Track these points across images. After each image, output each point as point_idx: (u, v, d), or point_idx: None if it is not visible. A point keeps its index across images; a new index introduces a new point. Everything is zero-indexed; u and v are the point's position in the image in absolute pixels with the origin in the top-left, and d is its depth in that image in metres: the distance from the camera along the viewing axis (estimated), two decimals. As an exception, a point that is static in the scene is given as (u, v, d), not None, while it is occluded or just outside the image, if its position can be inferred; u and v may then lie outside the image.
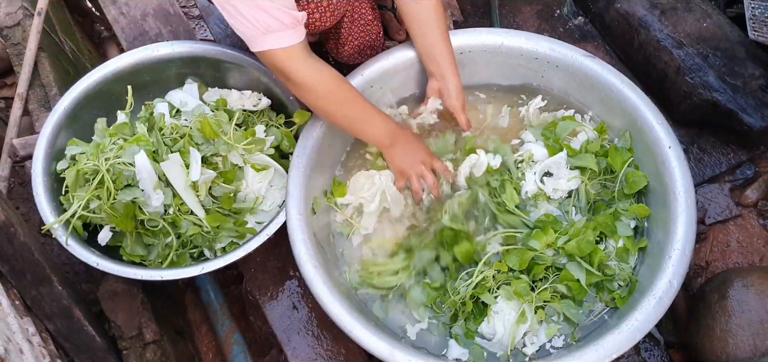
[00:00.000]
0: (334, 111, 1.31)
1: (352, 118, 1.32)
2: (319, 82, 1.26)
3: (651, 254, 1.27)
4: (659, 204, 1.29)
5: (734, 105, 1.53)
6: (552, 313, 1.24)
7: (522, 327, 1.21)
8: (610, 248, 1.28)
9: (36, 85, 1.78)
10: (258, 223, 1.44)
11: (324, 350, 1.40)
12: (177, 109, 1.51)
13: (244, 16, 1.15)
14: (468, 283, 1.25)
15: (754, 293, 1.22)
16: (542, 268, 1.25)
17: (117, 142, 1.40)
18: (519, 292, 1.22)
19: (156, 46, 1.59)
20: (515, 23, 1.90)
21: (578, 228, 1.26)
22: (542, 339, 1.23)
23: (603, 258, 1.24)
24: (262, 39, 1.18)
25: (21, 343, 1.13)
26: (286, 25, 1.17)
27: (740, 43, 1.63)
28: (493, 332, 1.24)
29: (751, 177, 1.61)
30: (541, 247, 1.26)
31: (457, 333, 1.26)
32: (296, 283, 1.48)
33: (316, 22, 1.37)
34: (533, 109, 1.48)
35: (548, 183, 1.36)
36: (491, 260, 1.27)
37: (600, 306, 1.25)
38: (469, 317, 1.26)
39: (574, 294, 1.23)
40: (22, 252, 1.20)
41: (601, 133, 1.41)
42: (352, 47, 1.58)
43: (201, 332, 1.67)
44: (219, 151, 1.40)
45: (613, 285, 1.24)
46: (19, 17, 1.88)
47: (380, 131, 1.34)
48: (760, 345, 1.18)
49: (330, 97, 1.28)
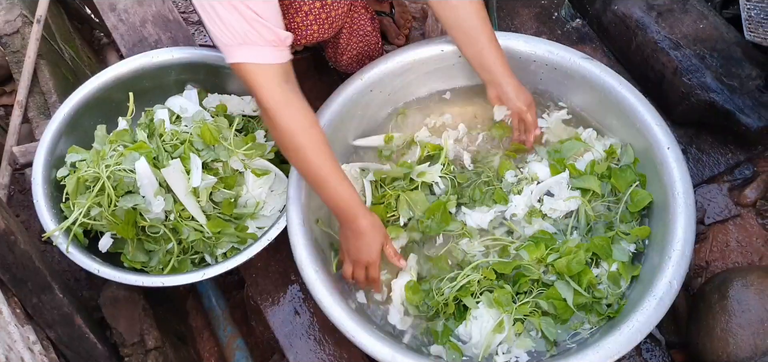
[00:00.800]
0: (294, 156, 1.16)
1: (309, 173, 1.18)
2: (286, 117, 1.11)
3: (651, 255, 1.27)
4: (658, 205, 1.29)
5: (731, 105, 1.54)
6: (530, 328, 1.24)
7: (498, 337, 1.20)
8: (603, 270, 1.26)
9: (35, 92, 1.78)
10: (259, 228, 1.45)
11: (326, 355, 1.40)
12: (177, 115, 1.51)
13: (222, 20, 1.06)
14: (453, 285, 1.25)
15: (754, 292, 1.23)
16: (528, 281, 1.24)
17: (117, 148, 1.40)
18: (499, 301, 1.21)
19: (155, 52, 1.60)
20: (513, 26, 1.90)
21: (570, 247, 1.25)
22: (515, 351, 1.22)
23: (593, 280, 1.23)
24: (236, 49, 1.08)
25: (22, 352, 1.13)
26: (266, 41, 1.08)
27: (737, 43, 1.64)
28: (469, 336, 1.23)
29: (749, 177, 1.62)
30: (529, 259, 1.25)
31: (436, 331, 1.26)
32: (298, 288, 1.48)
33: (315, 34, 1.37)
34: (555, 121, 1.46)
35: (547, 202, 1.35)
36: (480, 266, 1.27)
37: (587, 327, 1.23)
38: (450, 318, 1.26)
39: (559, 313, 1.22)
40: (22, 260, 1.20)
41: (611, 154, 1.39)
42: (350, 56, 1.58)
43: (203, 338, 1.67)
44: (219, 157, 1.40)
45: (602, 308, 1.23)
46: (18, 25, 1.88)
47: (337, 205, 1.19)
48: (760, 345, 1.18)
49: (292, 139, 1.13)
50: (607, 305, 1.23)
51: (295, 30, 1.35)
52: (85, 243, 1.37)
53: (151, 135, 1.43)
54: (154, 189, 1.32)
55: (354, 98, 1.45)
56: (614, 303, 1.23)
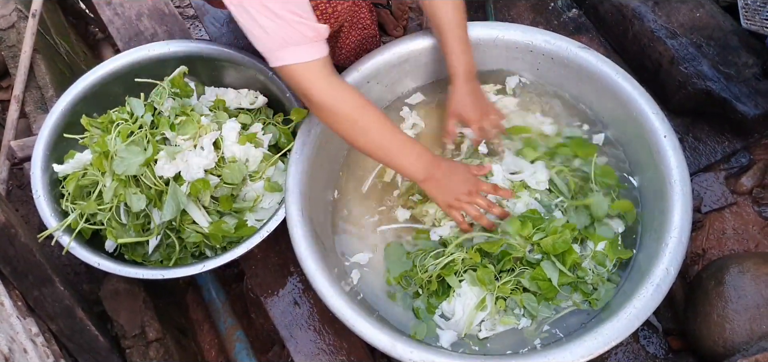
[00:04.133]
0: (359, 138, 1.18)
1: (379, 147, 1.19)
2: (343, 105, 1.14)
3: (648, 243, 1.28)
4: (655, 193, 1.30)
5: (728, 93, 1.54)
6: (514, 306, 1.25)
7: (480, 314, 1.23)
8: (589, 250, 1.28)
9: (32, 87, 1.78)
10: (258, 221, 1.45)
11: (326, 345, 1.40)
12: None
13: (261, 27, 1.07)
14: (437, 263, 1.26)
15: (750, 278, 1.24)
16: (511, 259, 1.25)
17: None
18: (482, 279, 1.22)
19: (151, 45, 1.59)
20: (510, 17, 1.90)
21: (555, 227, 1.25)
22: (498, 327, 1.24)
23: (576, 259, 1.24)
24: (279, 52, 1.10)
25: (25, 343, 1.13)
26: (307, 39, 1.09)
27: (733, 32, 1.65)
28: (452, 312, 1.25)
29: (745, 164, 1.63)
30: (513, 233, 1.24)
31: (419, 307, 1.28)
32: (297, 279, 1.48)
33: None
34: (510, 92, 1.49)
35: (527, 174, 1.36)
36: (464, 244, 1.28)
37: (569, 305, 1.24)
38: (433, 295, 1.28)
39: (544, 292, 1.23)
40: (23, 254, 1.20)
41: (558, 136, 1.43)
42: (349, 50, 1.58)
43: (203, 330, 1.67)
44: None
45: (587, 288, 1.24)
46: (13, 20, 1.87)
47: (413, 163, 1.20)
48: (756, 329, 1.19)
49: (355, 124, 1.16)
50: (592, 286, 1.24)
51: None
52: (87, 235, 1.37)
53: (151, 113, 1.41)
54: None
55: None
56: (599, 284, 1.24)
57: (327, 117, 1.18)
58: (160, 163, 1.31)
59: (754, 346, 1.17)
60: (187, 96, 1.48)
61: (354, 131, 1.18)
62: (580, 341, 1.12)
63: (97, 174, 1.35)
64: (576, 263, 1.24)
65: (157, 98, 1.42)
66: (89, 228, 1.36)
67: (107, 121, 1.41)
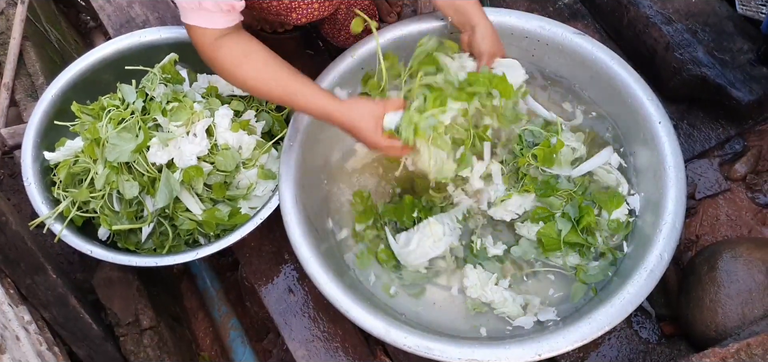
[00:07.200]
0: (248, 89, 1.24)
1: (271, 97, 1.25)
2: (220, 58, 1.19)
3: (642, 228, 1.28)
4: (650, 179, 1.30)
5: (723, 80, 1.54)
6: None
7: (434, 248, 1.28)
8: (604, 219, 1.31)
9: (22, 74, 1.76)
10: (251, 208, 1.44)
11: (321, 331, 1.41)
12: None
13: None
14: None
15: (743, 263, 1.24)
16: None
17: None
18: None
19: (143, 32, 1.57)
20: (505, 3, 1.89)
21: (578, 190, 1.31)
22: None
23: (592, 222, 1.26)
24: (191, 13, 1.15)
25: (17, 330, 1.13)
26: (220, 10, 1.14)
27: (728, 17, 1.64)
28: (408, 242, 1.30)
29: (739, 151, 1.63)
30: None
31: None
32: (292, 267, 1.48)
33: (315, 11, 1.36)
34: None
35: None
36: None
37: (558, 263, 1.29)
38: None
39: (545, 246, 1.27)
40: (15, 242, 1.20)
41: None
42: (348, 32, 1.57)
43: (198, 318, 1.67)
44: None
45: (590, 254, 1.28)
46: (2, 6, 1.85)
47: (315, 114, 1.23)
48: (748, 314, 1.20)
49: (235, 76, 1.21)
50: (599, 253, 1.28)
51: (297, 7, 1.34)
52: (79, 223, 1.36)
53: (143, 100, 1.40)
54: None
55: (345, 76, 1.45)
56: (607, 253, 1.28)
57: (219, 73, 1.23)
58: (152, 149, 1.30)
59: (746, 330, 1.18)
60: (178, 82, 1.47)
61: (238, 82, 1.22)
62: (574, 326, 1.13)
63: (88, 161, 1.34)
64: (590, 224, 1.27)
65: (149, 84, 1.41)
66: (81, 216, 1.35)
67: (98, 108, 1.40)
